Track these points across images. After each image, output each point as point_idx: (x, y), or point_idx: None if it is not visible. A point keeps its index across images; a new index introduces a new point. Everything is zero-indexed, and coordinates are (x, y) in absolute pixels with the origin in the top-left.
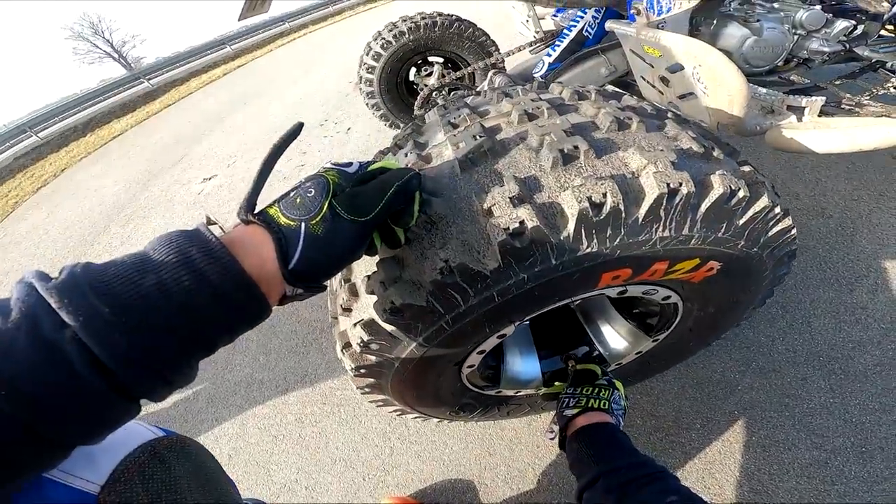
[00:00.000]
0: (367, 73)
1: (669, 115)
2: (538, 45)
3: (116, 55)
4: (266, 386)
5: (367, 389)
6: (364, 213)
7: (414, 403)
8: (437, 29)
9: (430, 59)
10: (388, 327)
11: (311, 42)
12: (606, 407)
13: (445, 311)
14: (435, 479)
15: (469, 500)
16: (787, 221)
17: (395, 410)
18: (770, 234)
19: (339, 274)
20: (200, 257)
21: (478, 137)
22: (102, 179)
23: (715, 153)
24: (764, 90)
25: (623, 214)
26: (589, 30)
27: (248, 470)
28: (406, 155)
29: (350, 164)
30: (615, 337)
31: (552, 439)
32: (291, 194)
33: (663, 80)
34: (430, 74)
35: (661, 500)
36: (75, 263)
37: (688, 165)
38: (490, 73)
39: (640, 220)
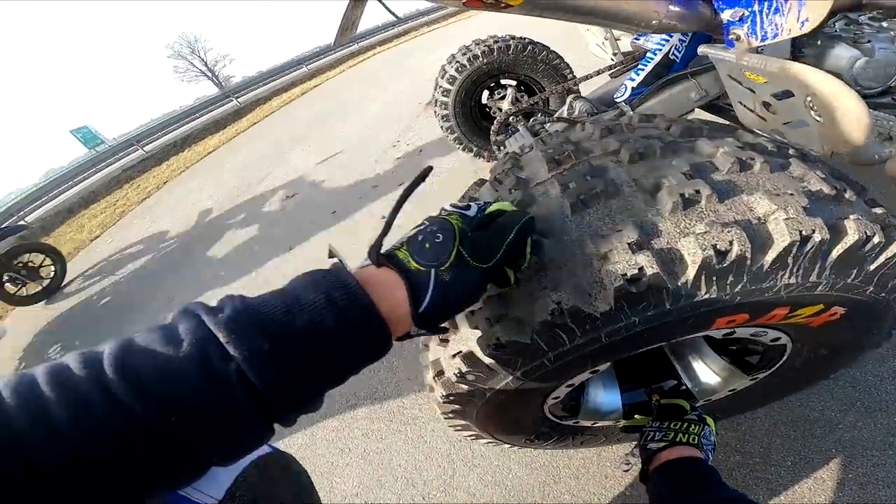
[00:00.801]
0: (443, 96)
1: (791, 151)
2: (617, 68)
3: (210, 74)
4: (336, 400)
5: (451, 415)
6: (487, 259)
7: (494, 431)
8: (510, 52)
9: (503, 82)
10: (488, 360)
11: (379, 63)
12: (696, 442)
13: (549, 349)
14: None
15: None
16: None
17: (472, 436)
18: None
19: None
20: (344, 300)
21: (588, 178)
22: (198, 194)
23: (846, 195)
24: (881, 114)
25: (748, 262)
26: (676, 53)
27: (312, 479)
28: (510, 191)
29: (469, 206)
30: (707, 373)
31: (626, 471)
32: (419, 238)
33: (765, 105)
34: (503, 98)
35: None
36: (233, 297)
37: (820, 210)
38: (569, 99)
39: (766, 267)
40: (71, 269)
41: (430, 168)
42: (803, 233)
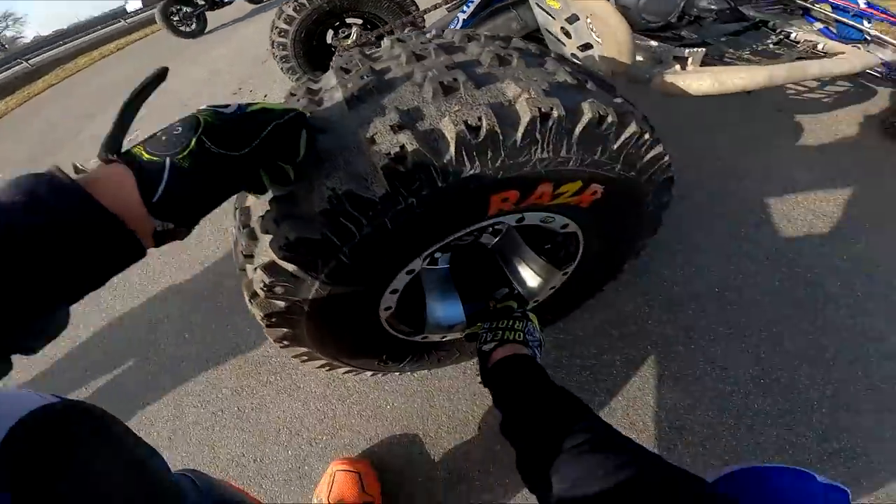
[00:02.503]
0: (280, 36)
1: (552, 55)
2: (455, 1)
3: None
4: (195, 361)
5: (284, 342)
6: (238, 147)
7: (337, 354)
8: None
9: (348, 20)
10: (289, 266)
11: (221, 12)
12: (521, 338)
13: (341, 243)
14: (381, 436)
15: (416, 452)
16: (659, 148)
17: (323, 365)
18: (645, 159)
19: (239, 220)
20: (51, 196)
21: (365, 77)
22: None
23: (588, 85)
24: (655, 43)
25: (501, 137)
26: None
27: (191, 450)
28: (298, 100)
29: (228, 105)
30: (530, 275)
31: (482, 383)
32: (157, 134)
33: (565, 31)
34: (347, 37)
35: (577, 436)
36: None
37: (560, 94)
38: (406, 32)
39: (518, 142)
40: None
41: (166, 69)
42: (542, 110)
